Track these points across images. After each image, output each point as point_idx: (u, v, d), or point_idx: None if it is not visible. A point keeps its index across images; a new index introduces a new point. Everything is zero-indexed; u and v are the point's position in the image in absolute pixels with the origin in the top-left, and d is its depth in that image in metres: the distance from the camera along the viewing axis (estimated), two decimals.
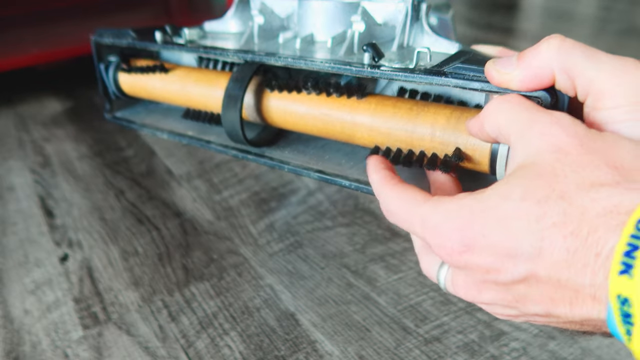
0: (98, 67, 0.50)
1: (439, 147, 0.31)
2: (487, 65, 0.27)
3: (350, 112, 0.36)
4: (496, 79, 0.26)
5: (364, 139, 0.36)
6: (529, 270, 0.20)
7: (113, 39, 0.47)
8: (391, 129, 0.33)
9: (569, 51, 0.23)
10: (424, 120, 0.32)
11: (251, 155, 0.41)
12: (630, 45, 1.13)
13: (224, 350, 0.43)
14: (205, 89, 0.44)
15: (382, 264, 0.51)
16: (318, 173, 0.37)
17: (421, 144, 0.32)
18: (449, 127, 0.31)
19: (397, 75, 0.31)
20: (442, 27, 0.60)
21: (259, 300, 0.48)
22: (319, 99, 0.37)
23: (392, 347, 0.42)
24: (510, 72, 0.25)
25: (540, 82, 0.25)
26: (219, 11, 1.20)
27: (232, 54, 0.40)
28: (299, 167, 0.39)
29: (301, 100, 0.38)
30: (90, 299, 0.49)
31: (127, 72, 0.49)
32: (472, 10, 1.50)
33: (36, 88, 1.06)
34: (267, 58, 0.37)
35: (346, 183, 0.35)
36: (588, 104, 0.23)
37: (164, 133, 0.47)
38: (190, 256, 0.54)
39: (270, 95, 0.40)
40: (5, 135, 0.86)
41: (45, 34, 1.08)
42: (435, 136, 0.31)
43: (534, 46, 0.25)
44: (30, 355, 0.43)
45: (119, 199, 0.65)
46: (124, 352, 0.43)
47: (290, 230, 0.57)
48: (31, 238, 0.58)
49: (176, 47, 0.43)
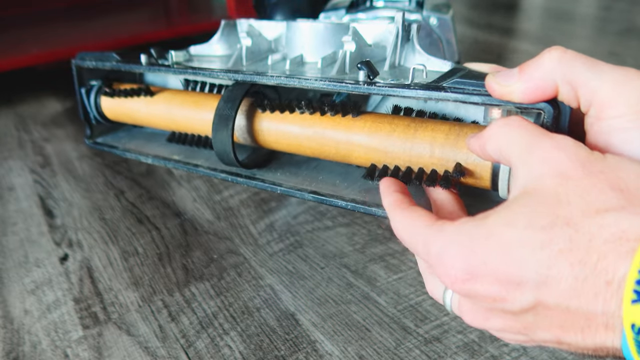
0: (79, 91, 0.49)
1: (438, 163, 0.31)
2: (488, 78, 0.26)
3: (346, 131, 0.35)
4: (497, 91, 0.26)
5: (360, 158, 0.35)
6: (537, 298, 0.20)
7: (96, 61, 0.46)
8: (388, 147, 0.33)
9: (571, 62, 0.23)
10: (422, 138, 0.32)
11: (242, 178, 0.41)
12: (630, 45, 1.13)
13: (224, 350, 0.43)
14: (192, 111, 0.43)
15: (382, 264, 0.51)
16: (312, 194, 0.37)
17: (420, 161, 0.32)
18: (447, 144, 0.31)
19: (395, 91, 0.30)
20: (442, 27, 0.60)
21: (259, 300, 0.48)
22: (313, 118, 0.36)
23: (392, 347, 0.42)
24: (512, 84, 0.25)
25: (543, 93, 0.24)
26: (219, 11, 1.20)
27: (222, 74, 0.39)
28: (292, 188, 0.38)
29: (294, 120, 0.37)
30: (90, 299, 0.49)
31: (110, 95, 0.48)
32: (472, 10, 1.50)
33: (36, 88, 1.06)
34: (258, 77, 0.37)
35: (342, 204, 0.35)
36: (591, 114, 0.23)
37: (149, 158, 0.46)
38: (190, 256, 0.54)
39: (262, 116, 0.39)
40: (5, 135, 0.86)
41: (45, 34, 1.08)
42: (434, 153, 0.31)
43: (534, 58, 0.24)
44: (30, 355, 0.43)
45: (119, 199, 0.65)
46: (124, 352, 0.43)
47: (290, 230, 0.57)
48: (31, 238, 0.58)
49: (163, 69, 0.42)
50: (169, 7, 1.32)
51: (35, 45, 0.99)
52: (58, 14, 1.23)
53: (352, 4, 0.64)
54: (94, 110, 0.49)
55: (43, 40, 1.02)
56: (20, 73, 1.09)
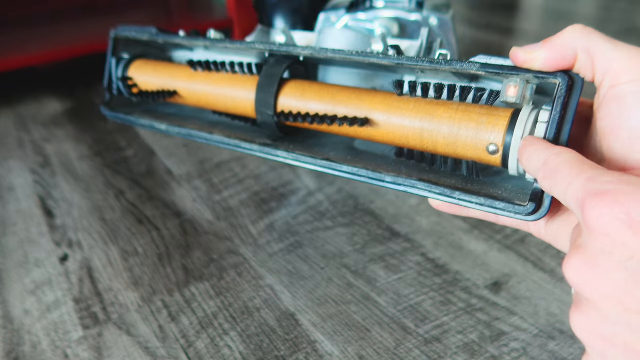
0: (110, 60, 0.50)
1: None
2: (513, 48, 0.28)
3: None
4: (522, 57, 0.27)
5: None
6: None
7: (135, 33, 0.47)
8: (426, 126, 0.32)
9: (591, 34, 0.25)
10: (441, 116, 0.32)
11: (256, 145, 0.39)
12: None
13: (224, 350, 0.43)
14: (228, 88, 0.42)
15: (382, 264, 0.51)
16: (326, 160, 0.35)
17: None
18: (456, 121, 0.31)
19: (421, 64, 0.31)
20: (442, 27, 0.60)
21: (259, 301, 0.48)
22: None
23: (392, 347, 0.42)
24: (536, 50, 0.26)
25: (563, 60, 0.26)
26: (219, 11, 1.20)
27: (270, 47, 0.38)
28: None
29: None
30: (90, 299, 0.49)
31: (136, 96, 0.48)
32: (472, 10, 1.50)
33: (36, 88, 1.06)
34: (308, 50, 0.36)
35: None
36: (605, 84, 0.24)
37: (163, 124, 0.45)
38: (190, 256, 0.54)
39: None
40: (5, 135, 0.86)
41: (45, 34, 1.08)
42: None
43: (557, 33, 0.26)
44: (30, 355, 0.43)
45: (119, 199, 0.65)
46: (124, 352, 0.43)
47: (290, 230, 0.57)
48: (31, 238, 0.58)
49: (208, 41, 0.42)
50: (169, 7, 1.32)
51: (35, 45, 0.99)
52: (58, 14, 1.23)
53: (352, 4, 0.64)
54: (118, 81, 0.50)
55: (43, 40, 1.02)
56: (20, 73, 1.09)
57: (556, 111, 0.26)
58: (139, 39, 0.48)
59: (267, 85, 0.38)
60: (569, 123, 0.26)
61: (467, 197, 0.29)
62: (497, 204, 0.28)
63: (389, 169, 0.34)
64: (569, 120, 0.26)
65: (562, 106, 0.26)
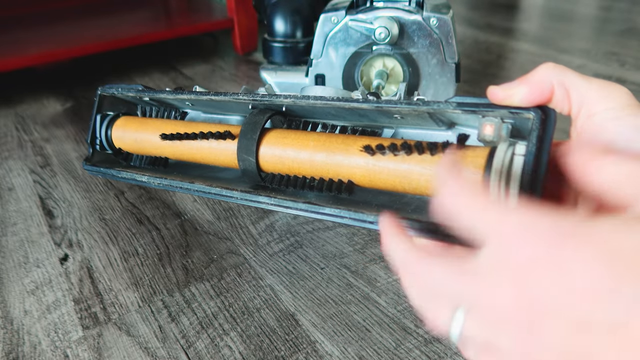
0: (95, 116, 0.50)
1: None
2: (490, 87, 0.29)
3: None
4: (500, 95, 0.28)
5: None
6: None
7: (121, 90, 0.48)
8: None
9: (564, 70, 0.27)
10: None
11: (238, 192, 0.40)
12: (630, 45, 1.13)
13: (224, 350, 0.43)
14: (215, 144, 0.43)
15: (382, 264, 0.51)
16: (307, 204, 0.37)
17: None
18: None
19: (390, 105, 0.32)
20: (442, 27, 0.60)
21: (259, 301, 0.48)
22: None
23: (392, 348, 0.42)
24: (513, 88, 0.28)
25: (541, 94, 0.27)
26: (219, 11, 1.20)
27: (253, 98, 0.39)
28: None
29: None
30: (90, 299, 0.49)
31: (123, 162, 0.49)
32: (472, 11, 1.50)
33: (36, 88, 1.06)
34: (290, 98, 0.37)
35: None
36: (583, 113, 0.26)
37: (144, 177, 0.45)
38: (190, 256, 0.54)
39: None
40: (5, 135, 0.86)
41: (45, 34, 1.08)
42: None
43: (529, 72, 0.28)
44: (30, 355, 0.43)
45: (119, 199, 0.65)
46: (124, 352, 0.43)
47: (290, 230, 0.57)
48: (31, 238, 0.58)
49: (192, 93, 0.43)
50: (169, 7, 1.32)
51: (35, 45, 0.99)
52: (58, 14, 1.23)
53: (352, 4, 0.64)
54: (102, 137, 0.50)
55: (43, 40, 1.02)
56: (20, 73, 1.09)
57: (532, 143, 0.26)
58: (124, 96, 0.48)
59: (249, 132, 0.39)
60: (545, 154, 0.26)
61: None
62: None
63: (371, 210, 0.35)
64: (545, 152, 0.26)
65: (537, 138, 0.26)
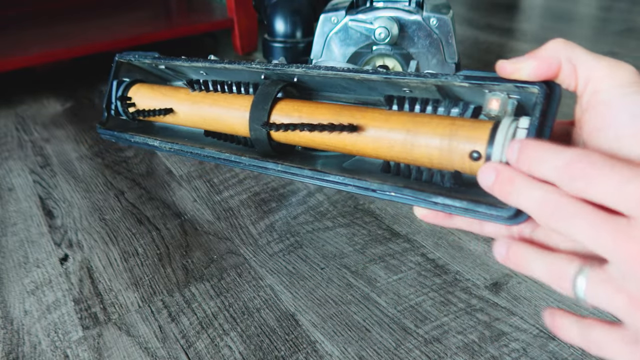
0: (111, 82, 0.51)
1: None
2: (499, 61, 0.29)
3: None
4: (509, 68, 0.28)
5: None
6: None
7: (137, 57, 0.48)
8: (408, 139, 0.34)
9: (573, 46, 0.27)
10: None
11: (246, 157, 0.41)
12: (630, 45, 1.13)
13: (224, 350, 0.43)
14: (224, 108, 0.43)
15: (382, 264, 0.51)
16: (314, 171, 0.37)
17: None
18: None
19: (401, 78, 0.32)
20: (441, 27, 0.60)
21: (259, 301, 0.48)
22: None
23: (392, 348, 0.42)
24: (522, 62, 0.28)
25: (549, 69, 0.27)
26: (219, 11, 1.20)
27: (266, 67, 0.40)
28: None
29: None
30: (90, 299, 0.49)
31: (134, 118, 0.49)
32: (472, 11, 1.50)
33: (36, 88, 1.06)
34: (301, 68, 0.37)
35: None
36: (589, 90, 0.26)
37: (156, 141, 0.46)
38: (191, 256, 0.54)
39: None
40: (5, 135, 0.86)
41: (45, 34, 1.08)
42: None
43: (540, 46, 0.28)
44: (30, 355, 0.43)
45: (119, 199, 0.65)
46: (124, 352, 0.43)
47: (290, 230, 0.57)
48: (31, 238, 0.58)
49: (200, 61, 0.43)
50: (169, 7, 1.32)
51: (35, 45, 0.99)
52: (58, 14, 1.23)
53: (352, 4, 0.64)
54: (116, 102, 0.51)
55: (43, 40, 1.02)
56: (20, 73, 1.09)
57: (535, 117, 0.26)
58: (141, 63, 0.49)
59: (261, 103, 0.39)
60: (548, 129, 0.26)
61: (450, 202, 0.29)
62: (479, 208, 0.28)
63: (375, 179, 0.35)
64: (548, 126, 0.26)
65: (540, 112, 0.26)
